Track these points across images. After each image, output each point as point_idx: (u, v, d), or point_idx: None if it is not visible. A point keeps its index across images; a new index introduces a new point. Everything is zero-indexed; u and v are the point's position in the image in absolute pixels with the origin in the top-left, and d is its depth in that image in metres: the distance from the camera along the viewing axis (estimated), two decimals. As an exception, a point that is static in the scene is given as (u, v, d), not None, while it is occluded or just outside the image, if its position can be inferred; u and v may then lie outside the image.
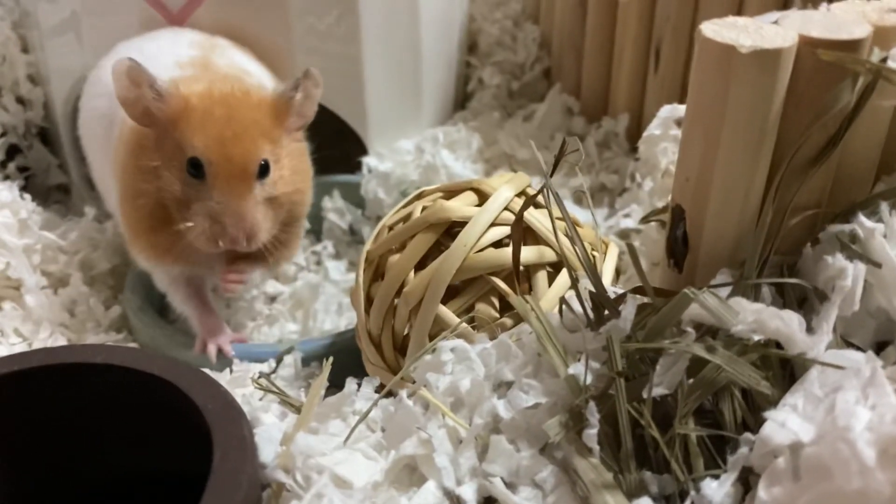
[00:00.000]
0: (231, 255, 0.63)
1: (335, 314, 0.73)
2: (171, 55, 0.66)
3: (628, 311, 0.37)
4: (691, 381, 0.36)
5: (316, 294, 0.74)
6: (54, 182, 0.88)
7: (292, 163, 0.61)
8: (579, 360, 0.38)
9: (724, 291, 0.38)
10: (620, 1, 0.84)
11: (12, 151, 0.84)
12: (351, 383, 0.41)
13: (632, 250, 0.38)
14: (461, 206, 0.52)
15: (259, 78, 0.69)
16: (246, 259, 0.64)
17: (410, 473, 0.38)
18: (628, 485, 0.35)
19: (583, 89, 0.92)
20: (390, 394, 0.44)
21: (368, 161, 0.82)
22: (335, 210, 0.83)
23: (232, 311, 0.73)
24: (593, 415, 0.36)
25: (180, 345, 0.63)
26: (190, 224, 0.56)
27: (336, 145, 0.86)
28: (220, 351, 0.61)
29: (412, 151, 0.81)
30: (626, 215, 0.72)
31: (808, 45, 0.34)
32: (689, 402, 0.35)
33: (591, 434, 0.36)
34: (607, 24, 0.87)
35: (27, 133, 0.85)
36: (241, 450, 0.35)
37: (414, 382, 0.43)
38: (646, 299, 0.39)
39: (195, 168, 0.56)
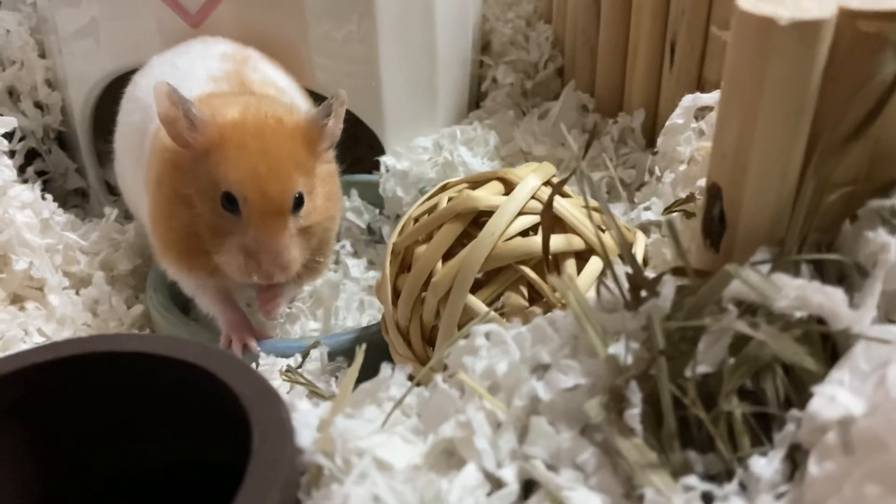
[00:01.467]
0: None
1: (356, 311, 0.72)
2: (204, 69, 0.66)
3: (668, 289, 0.37)
4: (733, 359, 0.35)
5: (336, 292, 0.74)
6: (72, 186, 0.88)
7: (324, 189, 0.61)
8: (618, 340, 0.38)
9: (763, 270, 0.37)
10: (635, -4, 0.84)
11: (31, 156, 0.84)
12: (385, 369, 0.41)
13: (671, 228, 0.38)
14: (488, 195, 0.52)
15: (290, 93, 0.69)
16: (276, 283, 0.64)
17: (449, 457, 0.38)
18: (673, 464, 0.35)
19: (597, 86, 0.92)
20: (422, 384, 0.43)
21: (386, 160, 0.82)
22: (353, 209, 0.83)
23: (253, 310, 0.73)
24: (635, 394, 0.35)
25: (204, 341, 0.63)
26: (224, 256, 0.56)
27: (351, 148, 0.87)
28: (245, 347, 0.61)
29: (429, 149, 0.81)
30: (647, 208, 0.72)
31: (847, 16, 0.34)
32: (733, 379, 0.34)
33: (634, 414, 0.35)
34: (621, 19, 0.87)
35: (45, 137, 0.85)
36: (280, 433, 0.35)
37: (446, 369, 0.43)
38: (683, 281, 0.39)
39: (230, 202, 0.56)
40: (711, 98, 0.62)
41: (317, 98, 0.76)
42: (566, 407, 0.37)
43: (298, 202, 0.58)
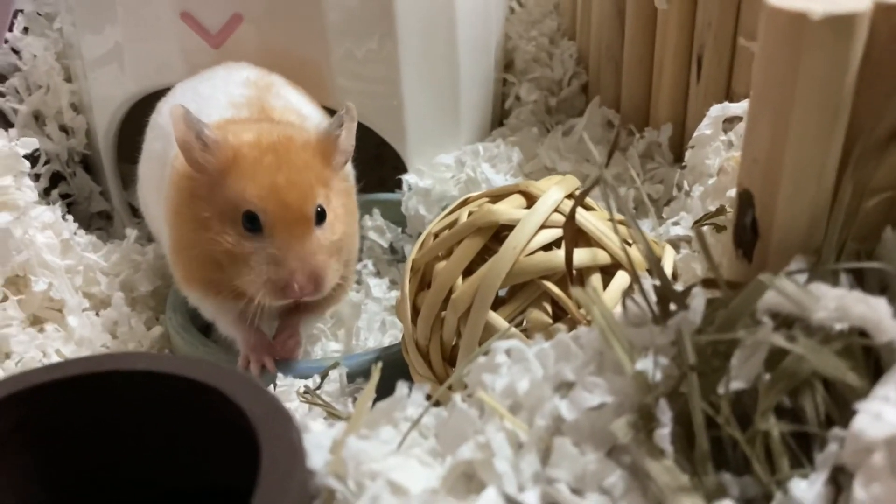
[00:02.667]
0: (285, 306, 0.62)
1: (378, 332, 0.71)
2: (225, 95, 0.66)
3: (698, 302, 0.35)
4: (769, 374, 0.33)
5: (358, 312, 0.72)
6: (96, 209, 0.88)
7: (342, 203, 0.61)
8: (646, 356, 0.36)
9: (800, 280, 0.35)
10: (660, 10, 0.83)
11: (55, 179, 0.84)
12: (402, 388, 0.39)
13: (700, 237, 0.36)
14: (509, 208, 0.50)
15: (314, 120, 0.69)
16: (298, 309, 0.63)
17: (468, 480, 0.36)
18: (706, 488, 0.33)
19: (623, 102, 0.90)
20: (440, 403, 0.42)
21: (408, 178, 0.81)
22: (375, 228, 0.82)
23: (272, 332, 0.71)
24: (665, 413, 0.33)
25: (223, 362, 0.62)
26: (249, 277, 0.55)
27: (376, 168, 0.86)
28: (263, 368, 0.60)
29: (452, 166, 0.80)
30: (675, 223, 0.70)
31: (883, 10, 0.32)
32: (769, 396, 0.32)
33: (664, 434, 0.33)
34: (646, 34, 0.86)
35: (70, 160, 0.85)
36: (290, 455, 0.33)
37: (466, 388, 0.41)
38: (714, 294, 0.37)
39: (251, 222, 0.55)
40: (740, 108, 0.60)
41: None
42: (592, 427, 0.35)
43: (321, 215, 0.57)
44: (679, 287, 0.39)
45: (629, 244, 0.49)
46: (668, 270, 0.51)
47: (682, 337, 0.34)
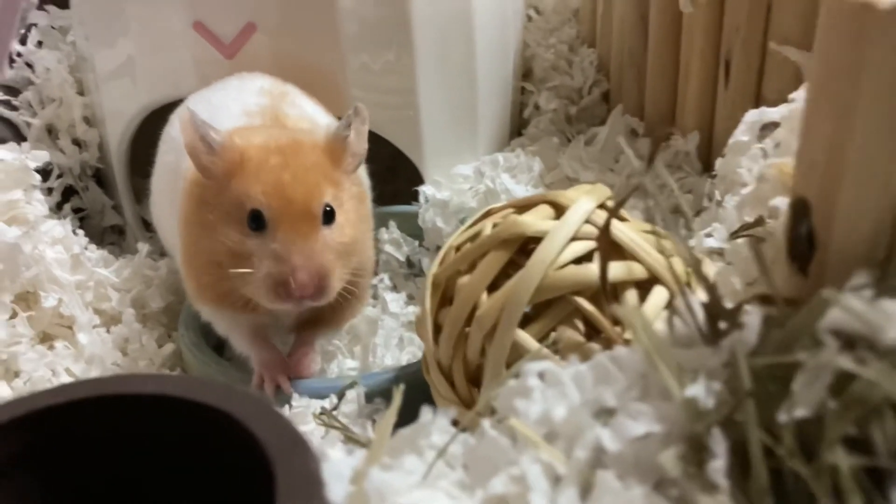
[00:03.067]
0: (299, 319, 0.60)
1: (396, 348, 0.68)
2: (239, 104, 0.64)
3: (753, 320, 0.32)
4: (835, 401, 0.30)
5: (375, 328, 0.70)
6: (109, 223, 0.86)
7: (354, 207, 0.58)
8: (696, 380, 0.33)
9: (865, 296, 0.32)
10: (685, 13, 0.80)
11: (68, 193, 0.83)
12: (427, 412, 0.36)
13: (755, 247, 0.33)
14: (536, 220, 0.48)
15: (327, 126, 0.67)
16: (313, 323, 0.61)
17: (502, 516, 0.33)
18: (766, 526, 0.29)
19: (647, 109, 0.88)
20: (467, 429, 0.39)
21: (425, 190, 0.78)
22: (392, 242, 0.79)
23: (287, 349, 0.69)
24: (718, 443, 0.30)
25: (237, 381, 0.59)
26: (253, 279, 0.53)
27: (389, 181, 0.83)
28: (278, 387, 0.57)
29: (470, 177, 0.77)
30: (709, 235, 0.66)
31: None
32: (837, 425, 0.29)
33: (718, 467, 0.30)
34: (671, 38, 0.83)
35: (83, 174, 0.83)
36: (308, 487, 0.31)
37: (494, 413, 0.38)
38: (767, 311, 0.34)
39: (255, 220, 0.53)
40: (778, 113, 0.57)
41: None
42: (637, 458, 0.32)
43: (329, 215, 0.55)
44: (728, 304, 0.36)
45: (667, 257, 0.46)
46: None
47: (737, 359, 0.31)
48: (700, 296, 0.36)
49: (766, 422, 0.31)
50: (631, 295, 0.46)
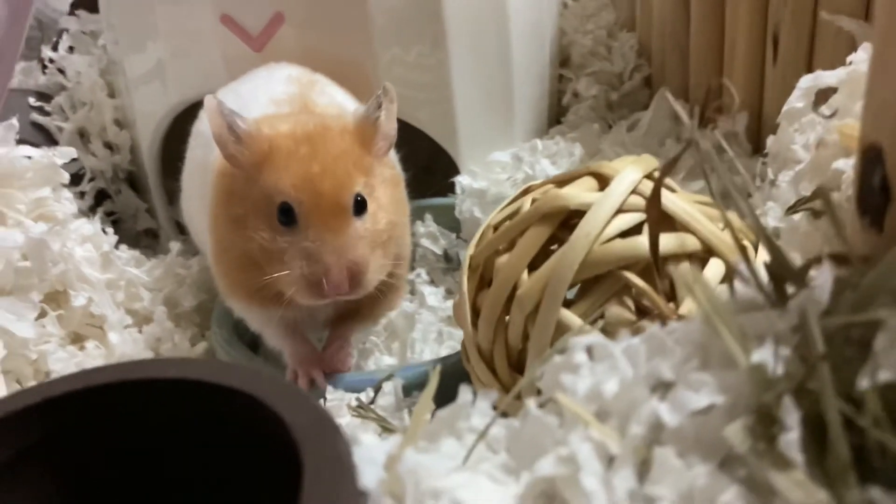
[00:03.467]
0: (335, 312, 0.58)
1: (434, 343, 0.66)
2: (266, 93, 0.63)
3: (824, 278, 0.29)
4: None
5: (412, 323, 0.67)
6: (142, 227, 0.85)
7: (388, 192, 0.56)
8: (762, 346, 0.29)
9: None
10: (729, -13, 0.76)
11: (100, 197, 0.82)
12: (465, 393, 0.33)
13: (827, 200, 0.29)
14: (579, 192, 0.45)
15: None
16: (349, 317, 0.59)
17: (550, 501, 0.30)
18: (850, 505, 0.26)
19: (691, 91, 0.84)
20: (503, 414, 0.36)
21: (461, 180, 0.76)
22: (428, 235, 0.77)
23: (322, 344, 0.67)
24: (791, 414, 0.27)
25: (269, 378, 0.57)
26: (285, 273, 0.51)
27: (425, 181, 0.81)
28: (312, 382, 0.55)
29: (508, 164, 0.75)
30: (762, 214, 0.63)
31: None
32: (929, 387, 0.26)
33: (791, 440, 0.27)
34: (715, 16, 0.80)
35: (115, 178, 0.83)
36: (337, 471, 0.28)
37: (539, 395, 0.36)
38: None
39: (285, 214, 0.51)
40: (835, 77, 0.54)
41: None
42: (699, 434, 0.29)
43: (361, 205, 0.52)
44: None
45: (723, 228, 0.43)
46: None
47: (808, 320, 0.28)
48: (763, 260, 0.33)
49: (845, 389, 0.27)
50: (685, 268, 0.42)
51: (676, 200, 0.43)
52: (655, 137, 0.82)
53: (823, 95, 0.58)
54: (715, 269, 0.42)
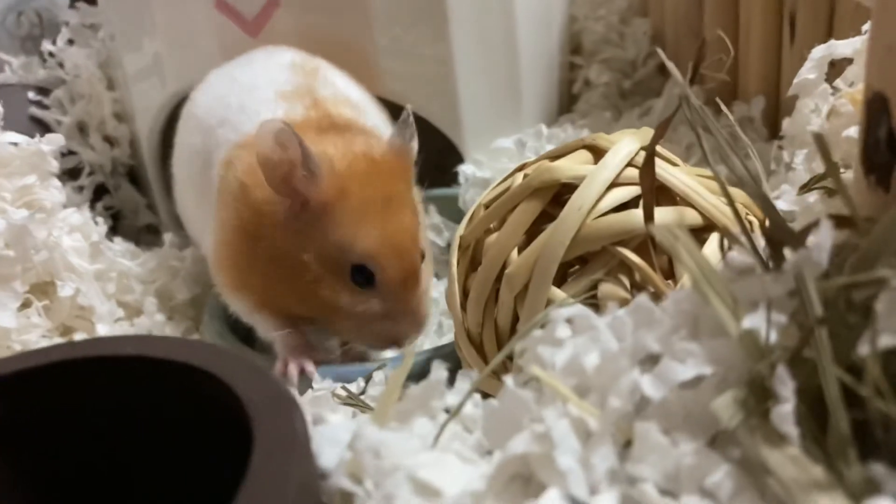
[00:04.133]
0: None
1: (435, 335, 0.64)
2: (271, 84, 0.60)
3: (823, 237, 0.26)
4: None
5: (413, 315, 0.65)
6: (144, 222, 0.84)
7: (421, 220, 0.56)
8: (755, 312, 0.27)
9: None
10: (743, -33, 0.74)
11: (100, 191, 0.81)
12: (439, 370, 0.31)
13: (820, 140, 0.27)
14: (572, 165, 0.42)
15: (363, 106, 0.63)
16: None
17: (524, 483, 0.28)
18: (850, 483, 0.23)
19: (706, 77, 0.81)
20: (489, 398, 0.34)
21: (465, 169, 0.74)
22: (432, 227, 0.74)
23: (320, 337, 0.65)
24: (785, 385, 0.25)
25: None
26: (354, 329, 0.52)
27: (436, 177, 0.79)
28: (302, 372, 0.53)
29: (512, 152, 0.72)
30: (777, 197, 0.60)
31: None
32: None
33: (785, 412, 0.24)
34: (729, -2, 0.77)
35: (114, 172, 0.82)
36: (289, 449, 0.26)
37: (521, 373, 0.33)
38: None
39: (363, 275, 0.50)
40: (850, 46, 0.51)
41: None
42: (686, 407, 0.27)
43: (422, 255, 0.53)
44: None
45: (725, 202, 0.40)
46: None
47: (805, 283, 0.25)
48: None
49: (844, 357, 0.25)
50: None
51: (676, 172, 0.41)
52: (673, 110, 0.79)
53: (840, 68, 0.56)
54: (715, 244, 0.40)
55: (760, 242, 0.30)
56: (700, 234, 0.41)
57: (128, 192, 0.83)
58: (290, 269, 0.50)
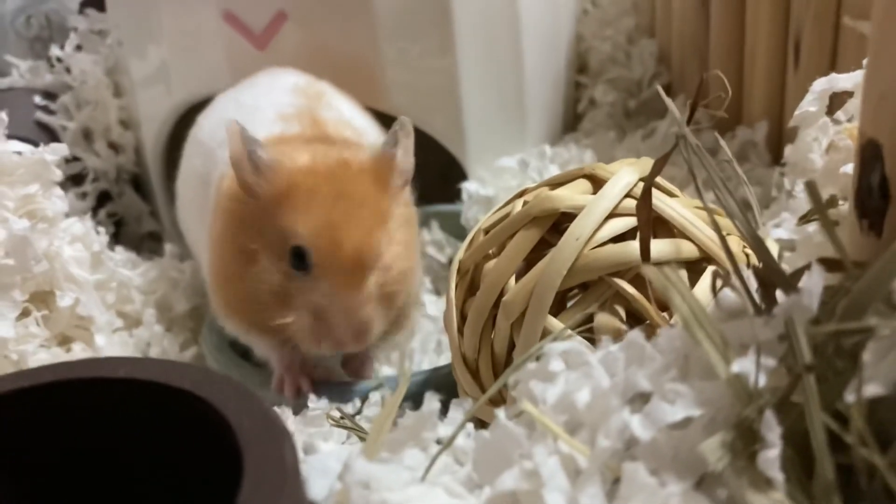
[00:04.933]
0: None
1: (433, 353, 0.64)
2: (272, 106, 0.61)
3: (814, 282, 0.26)
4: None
5: (411, 333, 0.65)
6: (146, 230, 0.84)
7: (403, 236, 0.53)
8: (745, 356, 0.27)
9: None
10: (749, -8, 0.74)
11: (103, 198, 0.81)
12: (432, 401, 0.31)
13: (812, 188, 0.27)
14: (572, 194, 0.42)
15: (367, 132, 0.63)
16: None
17: (512, 518, 0.28)
18: (835, 532, 0.23)
19: (711, 92, 0.81)
20: (484, 425, 0.34)
21: (468, 186, 0.74)
22: (434, 243, 0.75)
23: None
24: (772, 429, 0.25)
25: (257, 384, 0.55)
26: (289, 320, 0.50)
27: (439, 190, 0.79)
28: (298, 390, 0.53)
29: (516, 171, 0.73)
30: (777, 225, 0.60)
31: None
32: (923, 404, 0.23)
33: (771, 457, 0.24)
34: (735, 21, 0.77)
35: (118, 179, 0.82)
36: (278, 478, 0.26)
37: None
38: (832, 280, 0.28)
39: (299, 259, 0.49)
40: (851, 80, 0.51)
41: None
42: (674, 449, 0.27)
43: (377, 259, 0.50)
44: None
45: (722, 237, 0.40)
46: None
47: (794, 328, 0.26)
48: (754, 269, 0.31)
49: (831, 403, 0.25)
50: (680, 276, 0.40)
51: (673, 204, 0.41)
52: (671, 146, 0.79)
53: (840, 100, 0.56)
54: (709, 281, 0.40)
55: (753, 282, 0.31)
56: (697, 264, 0.42)
57: (131, 199, 0.83)
58: (251, 265, 0.51)
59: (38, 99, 0.78)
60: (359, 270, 0.49)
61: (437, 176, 0.81)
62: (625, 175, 0.42)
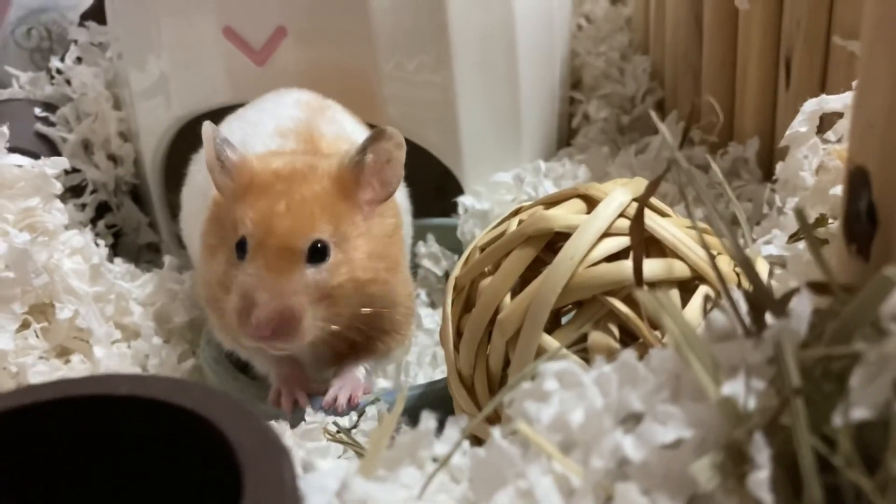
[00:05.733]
0: (334, 353, 0.56)
1: (429, 366, 0.64)
2: (273, 120, 0.62)
3: (803, 306, 0.27)
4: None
5: (408, 346, 0.66)
6: (145, 241, 0.85)
7: (370, 246, 0.53)
8: (735, 378, 0.28)
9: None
10: (741, 10, 0.75)
11: (102, 209, 0.82)
12: (428, 419, 0.32)
13: (798, 211, 0.28)
14: (566, 213, 0.43)
15: None
16: (350, 355, 0.56)
17: (506, 537, 0.28)
18: (822, 553, 0.24)
19: (703, 115, 0.82)
20: (480, 442, 0.34)
21: (464, 200, 0.75)
22: (430, 256, 0.75)
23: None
24: (761, 451, 0.25)
25: (254, 397, 0.56)
26: (227, 307, 0.50)
27: (436, 201, 0.80)
28: (295, 403, 0.53)
29: (511, 186, 0.73)
30: (767, 242, 0.61)
31: None
32: (908, 428, 0.24)
33: (761, 479, 0.25)
34: (727, 39, 0.78)
35: (117, 190, 0.83)
36: (277, 496, 0.27)
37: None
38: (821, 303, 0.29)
39: (240, 248, 0.50)
40: (840, 101, 0.52)
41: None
42: (665, 469, 0.28)
43: (319, 253, 0.50)
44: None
45: (713, 256, 0.41)
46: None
47: (784, 352, 0.26)
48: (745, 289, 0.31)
49: (819, 426, 0.25)
50: (673, 295, 0.41)
51: (666, 225, 0.42)
52: (664, 162, 0.80)
53: (830, 121, 0.57)
54: (700, 301, 0.40)
55: (743, 303, 0.31)
56: (689, 283, 0.42)
57: (130, 211, 0.83)
58: (210, 260, 0.53)
59: (38, 110, 0.79)
60: (288, 255, 0.49)
61: (434, 190, 0.82)
62: (618, 195, 0.43)
